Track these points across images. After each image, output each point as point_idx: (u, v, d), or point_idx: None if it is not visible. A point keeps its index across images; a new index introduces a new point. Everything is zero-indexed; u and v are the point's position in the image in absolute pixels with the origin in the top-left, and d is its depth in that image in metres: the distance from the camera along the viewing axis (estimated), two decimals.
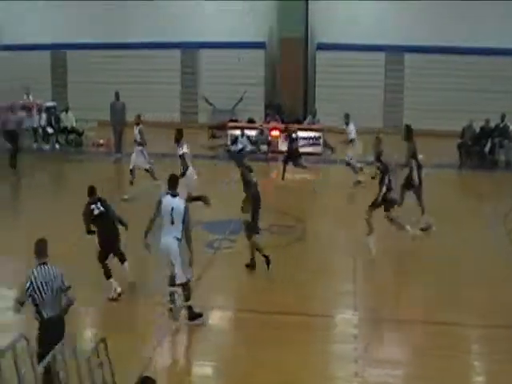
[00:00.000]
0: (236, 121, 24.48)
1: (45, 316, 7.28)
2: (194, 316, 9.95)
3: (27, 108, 22.96)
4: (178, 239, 9.65)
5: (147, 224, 9.84)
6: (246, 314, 10.50)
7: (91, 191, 11.12)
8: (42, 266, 7.41)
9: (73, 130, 23.64)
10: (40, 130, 23.22)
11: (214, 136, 23.37)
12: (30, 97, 23.94)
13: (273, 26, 26.35)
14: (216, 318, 10.64)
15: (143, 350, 9.15)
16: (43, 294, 7.27)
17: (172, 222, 9.63)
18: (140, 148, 16.83)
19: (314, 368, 8.68)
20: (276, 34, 26.47)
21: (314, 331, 9.86)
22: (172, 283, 9.90)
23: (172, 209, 9.62)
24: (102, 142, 22.98)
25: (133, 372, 7.50)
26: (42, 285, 7.29)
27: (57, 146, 23.01)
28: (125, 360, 7.96)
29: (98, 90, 25.59)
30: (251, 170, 12.13)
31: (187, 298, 9.93)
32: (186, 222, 9.68)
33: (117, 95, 21.90)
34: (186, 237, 9.70)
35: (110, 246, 11.01)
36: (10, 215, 15.88)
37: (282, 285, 11.46)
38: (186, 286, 9.85)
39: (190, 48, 26.97)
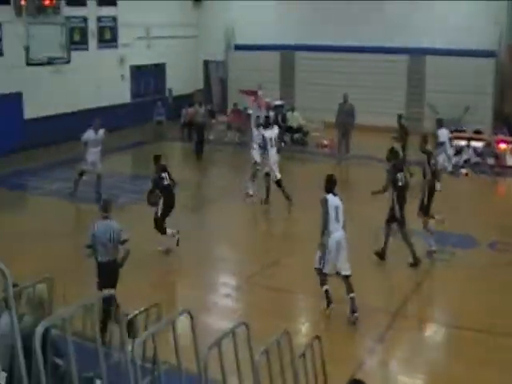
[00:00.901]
0: (462, 131, 23.62)
1: (99, 259, 9.25)
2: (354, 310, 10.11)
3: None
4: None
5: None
6: (463, 332, 10.09)
7: (156, 159, 13.15)
8: (104, 220, 9.38)
9: (298, 130, 24.21)
10: None
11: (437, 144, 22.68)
12: (261, 94, 24.90)
13: (502, 31, 24.99)
14: (430, 331, 10.38)
15: (354, 352, 9.16)
16: (101, 241, 9.16)
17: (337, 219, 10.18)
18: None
19: None
20: (505, 39, 25.09)
21: None
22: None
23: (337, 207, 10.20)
24: (326, 142, 23.26)
25: (342, 373, 7.54)
26: (101, 234, 9.17)
27: (282, 144, 23.62)
28: (336, 360, 8.00)
29: (324, 91, 25.94)
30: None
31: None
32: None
33: (345, 97, 22.08)
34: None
35: (167, 214, 12.96)
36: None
37: (503, 305, 10.87)
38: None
39: (416, 54, 26.42)
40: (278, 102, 25.42)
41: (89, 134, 16.76)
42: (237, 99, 26.58)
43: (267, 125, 16.94)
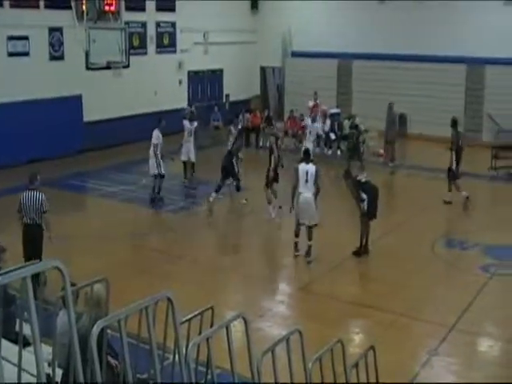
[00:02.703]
0: None
1: (24, 221, 10.79)
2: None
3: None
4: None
5: None
6: None
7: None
8: (31, 191, 10.72)
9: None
10: (323, 136, 23.97)
11: (496, 157, 22.28)
12: (318, 101, 24.85)
13: None
14: (485, 345, 10.16)
15: (409, 363, 9.02)
16: (27, 209, 10.66)
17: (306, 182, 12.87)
18: None
19: None
20: None
21: None
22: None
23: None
24: (381, 151, 23.04)
25: None
26: (27, 202, 10.65)
27: (338, 152, 23.48)
28: (389, 371, 7.88)
29: (380, 100, 25.72)
30: None
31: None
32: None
33: (390, 106, 22.08)
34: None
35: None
36: None
37: None
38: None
39: (475, 63, 25.95)
40: (335, 110, 25.27)
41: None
42: (293, 106, 26.59)
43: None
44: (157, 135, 16.95)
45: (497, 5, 25.06)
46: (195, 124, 19.32)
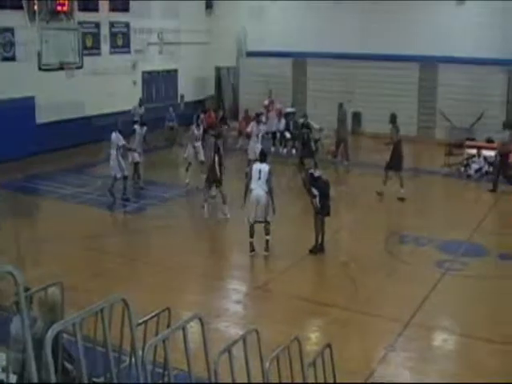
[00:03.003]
0: (473, 140, 23.58)
1: None
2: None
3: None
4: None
5: None
6: (474, 341, 10.03)
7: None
8: None
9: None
10: (278, 135, 24.05)
11: (450, 154, 22.67)
12: (273, 99, 25.01)
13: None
14: (439, 340, 10.34)
15: (366, 360, 9.12)
16: None
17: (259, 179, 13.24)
18: None
19: None
20: None
21: None
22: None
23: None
24: (332, 148, 23.23)
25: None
26: None
27: (293, 150, 23.59)
28: (346, 369, 7.95)
29: (336, 98, 25.88)
30: None
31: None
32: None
33: (340, 105, 22.61)
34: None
35: None
36: None
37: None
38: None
39: (428, 62, 26.34)
40: (290, 109, 25.40)
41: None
42: (247, 106, 26.63)
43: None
44: (117, 137, 16.98)
45: (449, 4, 25.49)
46: (145, 128, 19.30)
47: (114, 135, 17.05)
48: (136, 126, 18.91)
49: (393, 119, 18.37)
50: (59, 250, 13.47)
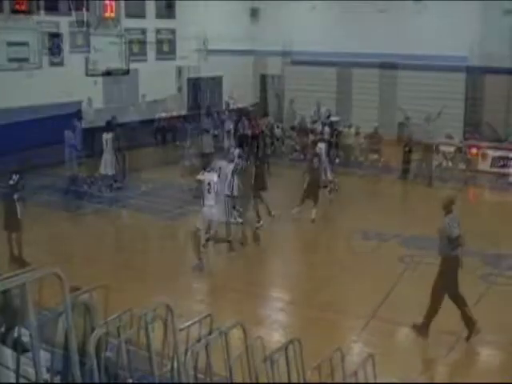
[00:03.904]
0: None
1: None
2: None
3: None
4: None
5: None
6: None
7: None
8: None
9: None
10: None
11: (409, 151, 22.18)
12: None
13: (475, 40, 24.45)
14: (403, 333, 10.23)
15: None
16: None
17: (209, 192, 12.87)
18: None
19: None
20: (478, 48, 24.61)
21: None
22: None
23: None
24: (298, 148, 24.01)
25: None
26: None
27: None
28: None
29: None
30: None
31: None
32: None
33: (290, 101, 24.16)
34: None
35: None
36: None
37: None
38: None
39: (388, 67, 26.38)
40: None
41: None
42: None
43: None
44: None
45: (409, 4, 25.76)
46: (110, 135, 18.80)
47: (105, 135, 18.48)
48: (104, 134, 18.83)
49: None
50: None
